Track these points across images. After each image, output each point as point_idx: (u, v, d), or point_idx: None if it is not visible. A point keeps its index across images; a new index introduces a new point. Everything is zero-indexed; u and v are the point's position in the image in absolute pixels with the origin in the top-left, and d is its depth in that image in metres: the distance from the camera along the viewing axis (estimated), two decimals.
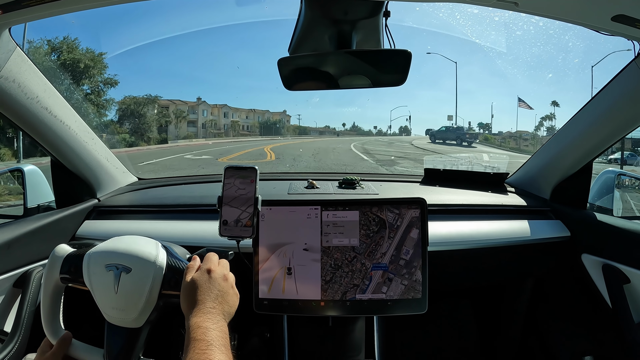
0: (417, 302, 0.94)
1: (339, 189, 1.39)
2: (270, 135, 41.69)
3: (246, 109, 44.55)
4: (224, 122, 39.11)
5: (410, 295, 0.93)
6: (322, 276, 0.94)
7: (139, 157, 13.32)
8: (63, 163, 1.21)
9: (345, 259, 0.95)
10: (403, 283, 0.94)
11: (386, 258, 0.94)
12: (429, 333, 1.50)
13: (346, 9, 0.89)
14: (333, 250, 0.95)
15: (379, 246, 0.95)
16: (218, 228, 0.88)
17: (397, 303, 0.94)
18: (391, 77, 0.96)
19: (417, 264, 0.94)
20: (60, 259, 0.80)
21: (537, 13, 0.87)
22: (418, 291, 0.93)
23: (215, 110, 38.99)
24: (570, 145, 1.22)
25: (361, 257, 0.95)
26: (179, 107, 34.16)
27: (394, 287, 0.94)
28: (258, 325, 1.15)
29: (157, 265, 0.75)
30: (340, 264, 0.94)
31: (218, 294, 0.68)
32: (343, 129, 56.50)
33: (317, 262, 0.94)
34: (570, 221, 1.24)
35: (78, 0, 0.80)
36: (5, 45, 0.91)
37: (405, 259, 0.94)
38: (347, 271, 0.94)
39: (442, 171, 1.59)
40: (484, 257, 1.19)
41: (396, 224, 0.95)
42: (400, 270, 0.94)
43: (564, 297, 1.32)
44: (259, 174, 0.90)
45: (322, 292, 0.94)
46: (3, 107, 1.00)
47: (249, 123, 43.96)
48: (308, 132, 51.80)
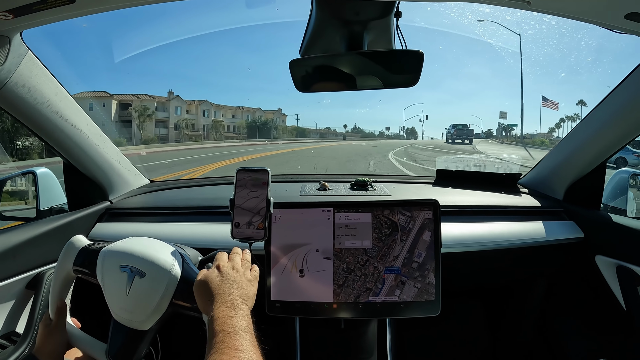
0: (430, 304, 0.93)
1: (351, 191, 1.39)
2: (262, 137, 35.60)
3: (233, 106, 38.42)
4: (203, 122, 33.72)
5: (423, 297, 0.93)
6: (335, 280, 0.94)
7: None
8: (75, 165, 1.22)
9: (357, 262, 0.94)
10: (416, 286, 0.93)
11: (399, 261, 0.94)
12: (441, 334, 1.48)
13: (357, 9, 0.89)
14: (345, 254, 0.94)
15: (391, 249, 0.94)
16: (230, 230, 0.88)
17: (410, 305, 0.93)
18: (403, 77, 0.95)
19: (430, 267, 0.93)
20: (76, 250, 0.80)
21: (550, 12, 0.86)
22: (431, 293, 0.93)
23: (192, 107, 33.36)
24: (583, 145, 1.21)
25: (373, 260, 0.94)
26: (145, 103, 28.87)
27: (407, 290, 0.93)
28: (270, 327, 1.14)
29: (172, 274, 0.75)
30: (352, 268, 0.94)
31: (231, 283, 0.69)
32: (345, 131, 53.65)
33: (330, 264, 0.94)
34: (583, 222, 1.23)
35: (89, 4, 0.80)
36: (17, 49, 0.92)
37: (418, 262, 0.94)
38: (360, 275, 0.94)
39: (454, 172, 1.58)
40: (496, 258, 1.18)
41: (408, 226, 0.95)
42: (413, 273, 0.93)
43: (577, 298, 1.31)
44: (271, 176, 0.90)
45: (334, 294, 0.93)
46: (15, 110, 1.01)
47: (236, 123, 37.67)
48: (307, 134, 46.37)
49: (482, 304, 1.57)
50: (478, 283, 1.36)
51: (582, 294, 1.29)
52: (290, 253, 0.95)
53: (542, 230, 1.19)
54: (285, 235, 0.95)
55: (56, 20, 0.87)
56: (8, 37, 0.88)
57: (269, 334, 1.06)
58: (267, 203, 0.88)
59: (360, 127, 60.22)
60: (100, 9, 0.85)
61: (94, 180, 1.27)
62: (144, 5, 0.86)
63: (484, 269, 1.24)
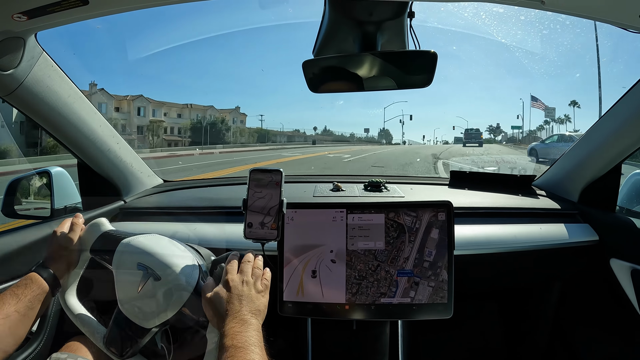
0: (443, 307, 0.93)
1: (364, 192, 1.38)
2: (213, 142, 27.84)
3: (179, 103, 31.38)
4: (137, 123, 27.30)
5: (437, 297, 0.92)
6: (348, 289, 0.94)
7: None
8: (89, 165, 1.23)
9: (368, 269, 0.94)
10: (430, 285, 0.92)
11: (409, 262, 0.93)
12: (454, 337, 1.47)
13: (371, 10, 0.89)
14: (355, 261, 0.94)
15: (401, 251, 0.94)
16: (243, 230, 0.88)
17: (423, 307, 0.92)
18: (417, 78, 0.94)
19: (441, 264, 0.93)
20: (98, 233, 0.82)
21: (564, 11, 0.85)
22: (444, 295, 0.92)
23: (123, 104, 26.75)
24: (599, 146, 1.19)
25: (384, 264, 0.94)
26: None
27: (422, 290, 0.92)
28: (282, 328, 1.15)
29: (186, 285, 0.76)
30: (364, 275, 0.94)
31: (240, 299, 0.69)
32: (314, 133, 49.03)
33: (342, 265, 0.94)
34: (598, 225, 1.21)
35: (103, 6, 0.81)
36: (31, 51, 0.93)
37: (429, 261, 0.93)
38: (372, 281, 0.93)
39: (468, 173, 1.56)
40: (510, 260, 1.17)
41: (415, 226, 0.94)
42: (426, 272, 0.93)
43: (592, 302, 1.29)
44: (284, 176, 0.90)
45: (346, 295, 0.93)
46: (30, 111, 1.03)
47: (181, 124, 30.09)
48: (271, 137, 38.13)
49: (495, 307, 1.55)
50: (491, 286, 1.35)
51: (596, 298, 1.27)
52: (303, 254, 0.95)
53: (556, 233, 1.18)
54: (298, 236, 0.95)
55: (70, 22, 0.88)
56: (23, 38, 0.89)
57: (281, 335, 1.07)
58: (280, 203, 0.88)
59: (330, 128, 55.66)
60: (113, 11, 0.86)
61: (108, 179, 1.28)
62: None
63: (497, 272, 1.23)
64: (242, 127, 36.81)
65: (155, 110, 28.71)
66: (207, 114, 32.65)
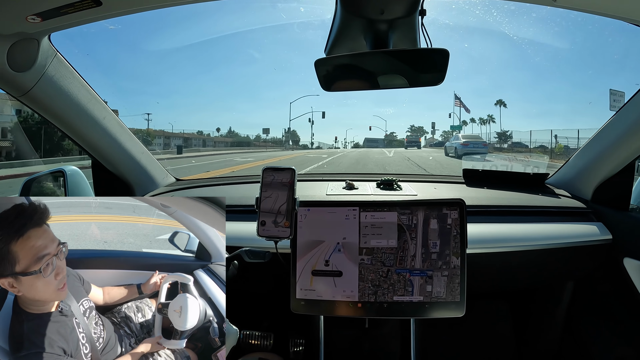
0: (455, 305, 0.92)
1: (377, 190, 1.38)
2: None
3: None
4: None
5: (453, 288, 0.92)
6: (360, 287, 0.94)
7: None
8: (104, 164, 1.25)
9: (380, 277, 0.94)
10: (443, 275, 0.93)
11: (418, 260, 0.93)
12: (466, 336, 1.47)
13: (382, 8, 0.89)
14: (365, 273, 0.94)
15: (407, 251, 0.94)
16: (256, 228, 0.89)
17: (435, 305, 0.92)
18: (429, 76, 0.94)
19: (448, 252, 0.93)
20: None
21: (576, 8, 0.84)
22: (458, 289, 0.92)
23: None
24: (612, 144, 1.18)
25: (394, 268, 0.94)
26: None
27: (437, 282, 0.92)
28: (294, 326, 1.15)
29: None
30: (378, 283, 0.94)
31: None
32: (218, 135, 45.37)
33: (355, 263, 0.94)
34: (612, 223, 1.20)
35: (115, 7, 0.82)
36: (45, 52, 0.95)
37: (435, 252, 0.93)
38: (388, 286, 0.93)
39: (480, 172, 1.55)
40: (522, 259, 1.16)
41: (412, 223, 0.94)
42: (436, 264, 0.93)
43: (605, 301, 1.28)
44: (296, 174, 0.91)
45: (359, 293, 0.93)
46: (45, 111, 1.05)
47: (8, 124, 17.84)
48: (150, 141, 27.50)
49: (507, 306, 1.54)
50: (503, 285, 1.34)
51: (609, 297, 1.26)
52: (316, 252, 0.95)
53: (569, 232, 1.16)
54: (310, 234, 0.96)
55: (84, 23, 0.89)
56: (37, 39, 0.91)
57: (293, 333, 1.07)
58: (293, 202, 0.89)
59: (235, 130, 51.30)
60: (126, 11, 0.88)
61: (122, 178, 1.30)
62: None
63: (509, 270, 1.22)
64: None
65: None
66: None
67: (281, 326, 1.15)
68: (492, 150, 24.15)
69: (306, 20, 3.58)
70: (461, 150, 16.44)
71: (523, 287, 1.43)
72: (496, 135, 33.54)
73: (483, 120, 37.28)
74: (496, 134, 33.79)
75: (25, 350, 0.68)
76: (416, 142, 31.44)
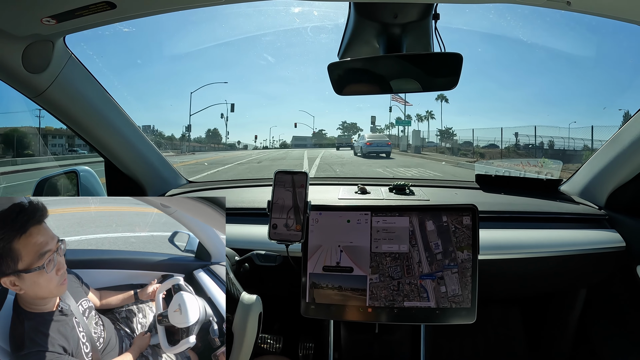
0: (466, 311, 0.92)
1: (390, 194, 1.38)
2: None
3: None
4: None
5: (466, 282, 0.92)
6: (371, 292, 0.94)
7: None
8: (116, 165, 1.26)
9: (391, 293, 0.93)
10: (454, 272, 0.92)
11: (424, 264, 0.93)
12: (477, 342, 1.45)
13: (395, 12, 0.88)
14: (377, 291, 0.94)
15: (411, 258, 0.94)
16: (267, 232, 0.89)
17: (446, 312, 0.92)
18: (442, 80, 0.94)
19: (451, 248, 0.93)
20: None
21: (590, 12, 0.83)
22: (467, 299, 0.91)
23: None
24: (626, 150, 1.16)
25: (403, 279, 0.94)
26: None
27: (449, 281, 0.92)
28: (304, 330, 1.15)
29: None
30: (392, 297, 0.93)
31: None
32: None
33: (366, 268, 0.94)
34: (625, 230, 1.18)
35: (130, 9, 0.83)
36: (60, 54, 0.96)
37: (439, 251, 0.93)
38: (403, 297, 0.93)
39: (493, 177, 1.54)
40: (535, 265, 1.15)
41: (409, 229, 0.95)
42: (443, 262, 0.93)
43: (618, 309, 1.26)
44: (309, 178, 0.91)
45: (369, 298, 0.93)
46: (59, 112, 1.06)
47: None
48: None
49: (518, 313, 1.52)
50: (515, 291, 1.33)
51: (622, 305, 1.24)
52: (327, 256, 0.95)
53: (582, 238, 1.15)
54: (322, 238, 0.96)
55: (98, 25, 0.90)
56: (52, 41, 0.92)
57: (303, 336, 1.07)
58: (304, 205, 0.89)
59: (159, 129, 41.60)
60: (141, 14, 0.88)
61: (134, 179, 1.31)
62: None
63: (522, 277, 1.20)
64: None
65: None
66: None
67: (291, 329, 1.15)
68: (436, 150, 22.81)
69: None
70: (365, 149, 17.50)
71: (535, 294, 1.41)
72: (438, 132, 31.44)
73: (421, 117, 36.15)
74: (438, 131, 31.66)
75: (26, 349, 0.68)
76: (348, 143, 28.62)
